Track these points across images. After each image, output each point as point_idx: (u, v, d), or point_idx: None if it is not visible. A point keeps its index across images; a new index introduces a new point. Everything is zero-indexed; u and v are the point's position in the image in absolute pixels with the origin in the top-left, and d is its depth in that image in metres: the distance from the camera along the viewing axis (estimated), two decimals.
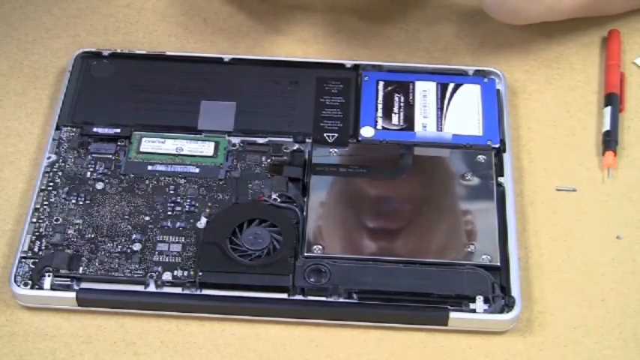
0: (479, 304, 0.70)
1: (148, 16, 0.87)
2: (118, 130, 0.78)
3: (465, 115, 0.79)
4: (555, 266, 0.73)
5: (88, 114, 0.79)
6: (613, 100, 0.81)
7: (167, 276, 0.71)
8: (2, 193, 0.77)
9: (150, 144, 0.78)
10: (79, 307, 0.71)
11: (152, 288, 0.71)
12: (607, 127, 0.80)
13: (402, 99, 0.80)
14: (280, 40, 0.85)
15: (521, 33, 0.86)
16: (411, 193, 0.75)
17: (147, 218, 0.74)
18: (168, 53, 0.84)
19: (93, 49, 0.84)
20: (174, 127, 0.79)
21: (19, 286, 0.71)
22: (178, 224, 0.74)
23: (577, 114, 0.82)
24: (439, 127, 0.79)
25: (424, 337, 0.70)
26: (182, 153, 0.77)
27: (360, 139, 0.78)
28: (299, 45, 0.86)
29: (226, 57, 0.83)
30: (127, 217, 0.74)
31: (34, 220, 0.74)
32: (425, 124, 0.79)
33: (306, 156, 0.77)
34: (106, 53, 0.83)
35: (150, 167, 0.77)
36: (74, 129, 0.79)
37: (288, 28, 0.87)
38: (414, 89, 0.81)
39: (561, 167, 0.79)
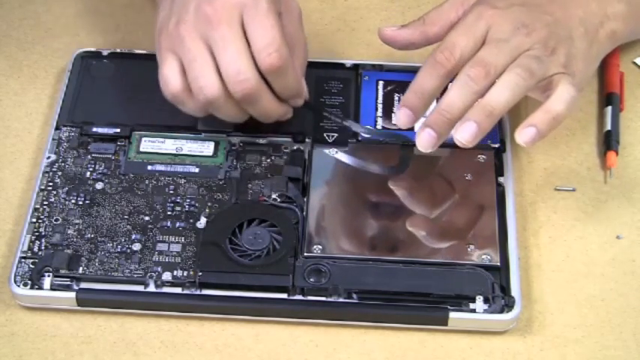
0: (479, 304, 0.70)
1: (147, 16, 0.87)
2: (118, 130, 0.78)
3: None
4: (555, 266, 0.73)
5: (88, 114, 0.79)
6: (613, 99, 0.81)
7: (167, 276, 0.71)
8: (2, 193, 0.77)
9: (150, 144, 0.78)
10: (79, 307, 0.71)
11: (152, 288, 0.71)
12: (608, 126, 0.80)
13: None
14: None
15: None
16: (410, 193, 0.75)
17: (147, 218, 0.74)
18: None
19: (93, 49, 0.84)
20: (174, 127, 0.79)
21: (18, 286, 0.71)
22: (178, 224, 0.74)
23: (577, 114, 0.81)
24: None
25: (424, 337, 0.70)
26: (182, 153, 0.77)
27: (360, 139, 0.78)
28: None
29: None
30: (126, 217, 0.74)
31: (34, 220, 0.73)
32: None
33: (306, 156, 0.77)
34: (105, 53, 0.83)
35: (150, 167, 0.77)
36: (74, 129, 0.79)
37: None
38: None
39: (561, 167, 0.79)
